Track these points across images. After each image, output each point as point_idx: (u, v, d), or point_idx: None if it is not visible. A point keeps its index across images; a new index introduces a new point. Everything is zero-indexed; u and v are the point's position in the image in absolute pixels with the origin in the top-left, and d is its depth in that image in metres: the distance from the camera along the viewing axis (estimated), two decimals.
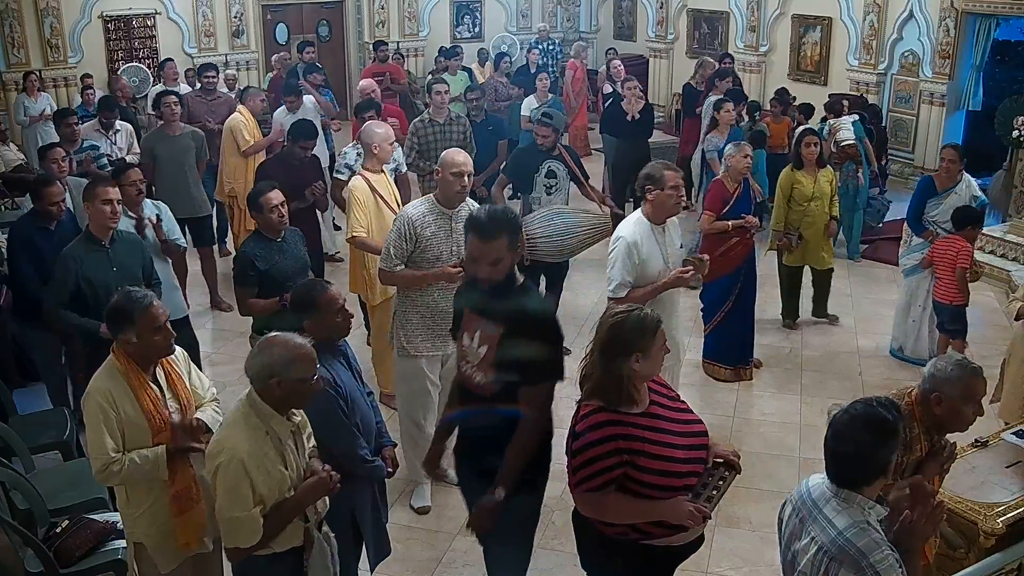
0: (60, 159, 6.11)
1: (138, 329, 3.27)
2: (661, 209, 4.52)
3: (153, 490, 3.35)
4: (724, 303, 6.26)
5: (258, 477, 2.91)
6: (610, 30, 16.19)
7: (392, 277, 4.65)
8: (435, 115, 7.33)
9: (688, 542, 3.09)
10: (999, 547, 3.67)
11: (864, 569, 2.43)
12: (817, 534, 2.56)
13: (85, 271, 4.57)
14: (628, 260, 4.43)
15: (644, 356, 2.93)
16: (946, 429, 3.21)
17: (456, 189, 4.50)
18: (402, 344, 4.69)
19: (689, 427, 3.08)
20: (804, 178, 6.77)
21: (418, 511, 4.83)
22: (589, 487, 2.93)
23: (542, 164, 6.81)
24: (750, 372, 6.39)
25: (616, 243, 4.51)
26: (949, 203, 6.23)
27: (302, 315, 3.52)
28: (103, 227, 4.71)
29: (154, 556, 3.42)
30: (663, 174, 4.47)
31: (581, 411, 3.03)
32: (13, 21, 11.53)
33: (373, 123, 6.06)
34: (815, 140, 6.86)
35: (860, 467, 2.54)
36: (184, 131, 7.40)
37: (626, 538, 3.01)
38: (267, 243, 4.79)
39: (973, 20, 10.23)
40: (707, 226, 6.30)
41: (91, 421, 3.25)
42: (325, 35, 14.63)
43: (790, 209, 6.83)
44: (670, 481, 2.93)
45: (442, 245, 4.53)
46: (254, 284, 4.71)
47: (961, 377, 3.09)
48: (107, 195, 4.69)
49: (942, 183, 6.36)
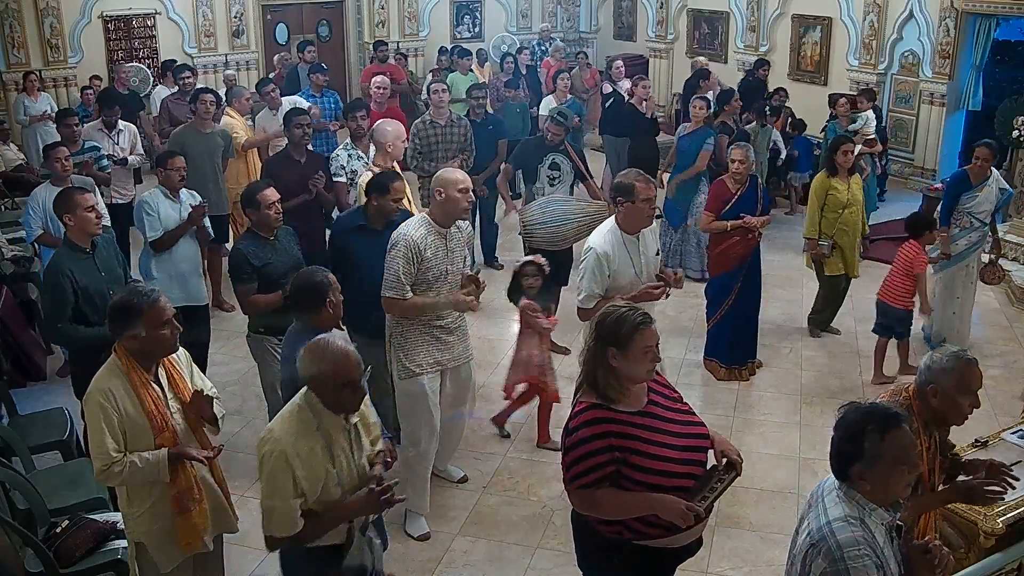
0: (64, 158, 6.11)
1: (146, 322, 3.26)
2: (633, 220, 4.44)
3: (154, 490, 3.35)
4: (723, 301, 6.28)
5: (301, 471, 2.94)
6: (610, 30, 16.20)
7: (403, 306, 4.38)
8: (435, 116, 7.34)
9: (686, 544, 3.07)
10: (999, 547, 3.68)
11: (837, 563, 2.42)
12: (811, 520, 2.58)
13: (79, 281, 4.51)
14: (598, 271, 4.37)
15: (620, 352, 2.92)
16: (945, 422, 3.23)
17: (464, 206, 4.44)
18: (403, 365, 4.51)
19: (688, 428, 3.07)
20: (839, 185, 6.59)
21: (418, 539, 4.64)
22: (582, 483, 2.93)
23: (546, 156, 6.94)
24: (746, 373, 6.38)
25: (587, 254, 4.45)
26: (983, 195, 6.56)
27: (318, 300, 3.54)
28: (87, 234, 4.66)
29: (155, 556, 3.42)
30: (635, 185, 4.37)
31: (575, 408, 3.03)
32: (13, 21, 11.53)
33: (384, 121, 6.10)
34: (851, 147, 6.74)
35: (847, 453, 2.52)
36: (215, 129, 7.43)
37: (621, 537, 3.01)
38: (261, 241, 4.80)
39: (973, 20, 10.23)
40: (705, 226, 6.33)
41: (92, 421, 3.25)
42: (325, 35, 14.62)
43: (823, 217, 6.63)
44: (662, 481, 2.92)
45: (442, 264, 4.44)
46: (252, 280, 4.71)
47: (955, 367, 3.12)
48: (88, 202, 4.65)
49: (976, 177, 6.61)
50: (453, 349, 4.62)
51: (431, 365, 4.55)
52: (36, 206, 6.07)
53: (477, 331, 5.98)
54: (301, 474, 2.94)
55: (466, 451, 5.37)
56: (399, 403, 4.71)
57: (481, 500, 5.00)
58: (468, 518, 4.84)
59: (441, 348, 4.56)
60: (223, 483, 3.59)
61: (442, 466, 5.10)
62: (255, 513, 4.76)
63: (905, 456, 2.51)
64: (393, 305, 4.42)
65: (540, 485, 5.09)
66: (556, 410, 5.41)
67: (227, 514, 3.60)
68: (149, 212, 5.68)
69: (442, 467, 5.10)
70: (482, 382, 6.07)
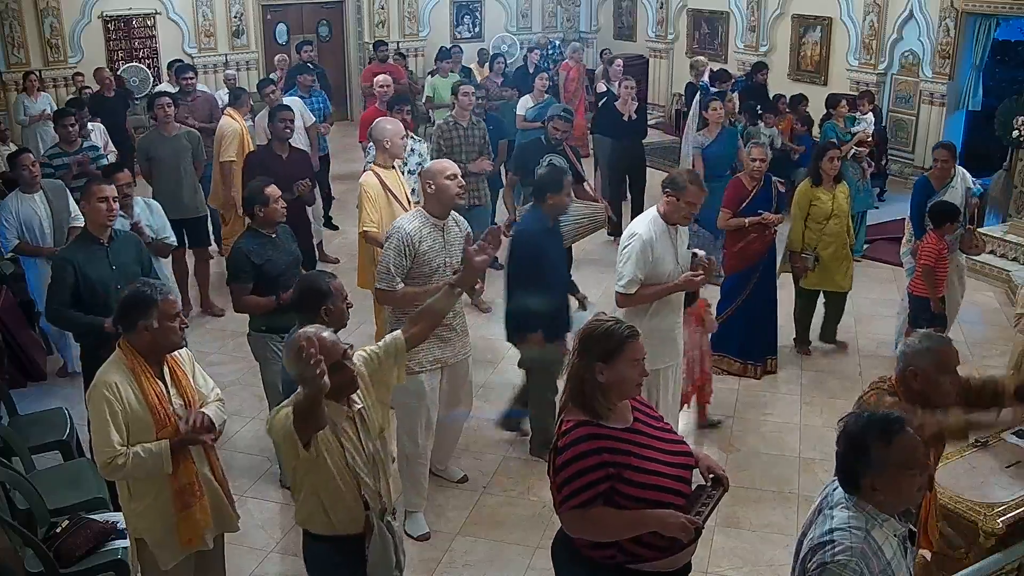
0: (31, 164, 6.08)
1: (159, 315, 3.29)
2: (674, 214, 4.57)
3: (155, 486, 3.36)
4: (737, 297, 6.27)
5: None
6: (610, 30, 16.20)
7: (393, 296, 4.44)
8: (458, 117, 7.33)
9: (677, 568, 2.97)
10: (999, 547, 3.68)
11: (825, 566, 2.42)
12: (816, 526, 2.58)
13: (84, 270, 4.54)
14: (642, 257, 4.43)
15: (607, 366, 2.85)
16: (931, 404, 3.25)
17: (455, 191, 4.48)
18: None
19: (674, 446, 3.00)
20: (823, 195, 6.35)
21: (418, 539, 4.63)
22: (576, 503, 2.80)
23: (544, 158, 6.93)
24: (759, 370, 6.33)
25: (631, 240, 4.50)
26: (950, 197, 6.33)
27: (318, 303, 3.57)
28: (101, 225, 4.68)
29: (155, 552, 3.42)
30: (687, 187, 4.50)
31: (562, 427, 2.91)
32: (13, 21, 11.53)
33: (383, 119, 6.10)
34: (838, 154, 6.56)
35: (856, 465, 2.51)
36: (179, 132, 7.33)
37: (613, 561, 2.88)
38: (262, 239, 4.81)
39: (973, 20, 10.23)
40: (723, 223, 6.31)
41: (96, 414, 3.26)
42: (325, 35, 14.62)
43: (807, 228, 6.39)
44: (656, 496, 2.83)
45: (437, 258, 4.46)
46: (249, 280, 4.72)
47: (930, 348, 3.20)
48: (103, 193, 4.65)
49: (938, 180, 6.47)
50: (453, 346, 4.63)
51: (431, 363, 4.56)
52: (9, 216, 6.02)
53: (477, 331, 5.98)
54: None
55: (466, 451, 5.37)
56: (396, 399, 4.72)
57: (481, 500, 5.00)
58: (468, 518, 4.84)
59: (442, 346, 4.57)
60: (224, 482, 3.59)
61: (442, 466, 5.10)
62: (255, 513, 4.82)
63: (914, 460, 2.49)
64: (386, 297, 4.47)
65: (540, 485, 5.08)
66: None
67: (228, 513, 3.61)
68: None
69: (442, 467, 5.11)
70: (482, 382, 6.08)
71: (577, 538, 2.95)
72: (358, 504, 3.11)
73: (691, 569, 3.09)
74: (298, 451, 2.93)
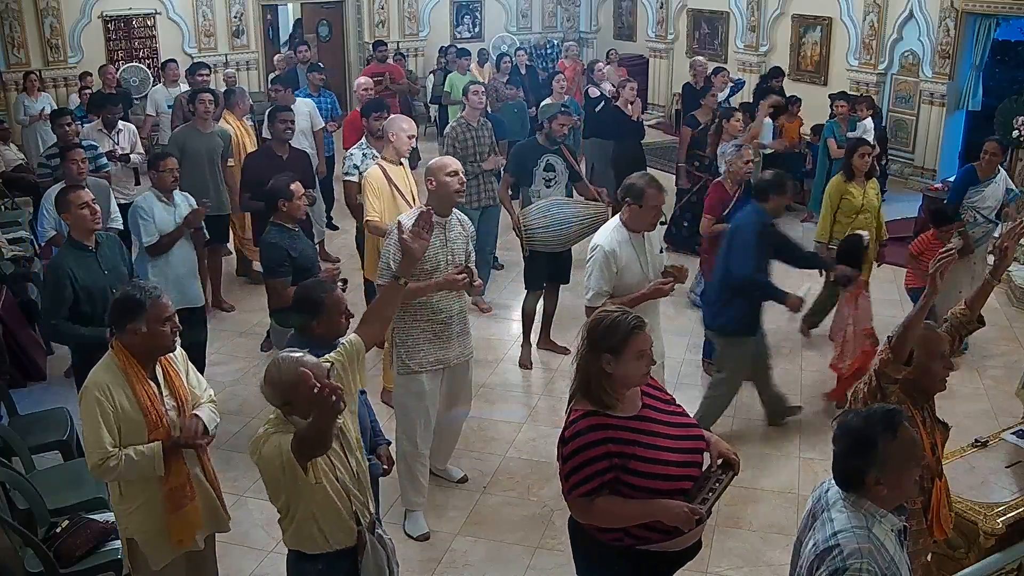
0: (80, 160, 6.01)
1: (148, 318, 3.28)
2: (638, 221, 4.48)
3: (147, 486, 3.35)
4: None
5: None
6: (610, 30, 16.20)
7: None
8: (469, 117, 7.32)
9: (686, 547, 3.05)
10: (999, 547, 3.68)
11: (838, 572, 2.40)
12: (817, 531, 2.56)
13: (79, 279, 4.51)
14: (606, 269, 4.38)
15: (615, 358, 2.88)
16: (924, 391, 3.32)
17: (455, 187, 4.48)
18: (403, 361, 4.52)
19: (684, 430, 3.04)
20: (855, 189, 6.33)
21: (418, 539, 4.63)
22: (582, 491, 2.89)
23: (541, 158, 6.93)
24: None
25: (593, 252, 4.46)
26: (989, 191, 6.66)
27: (309, 315, 3.57)
28: (87, 231, 4.67)
29: (146, 552, 3.42)
30: (645, 191, 4.40)
31: (570, 416, 2.98)
32: (13, 21, 11.53)
33: (399, 116, 6.09)
34: (869, 150, 6.53)
35: (859, 461, 2.50)
36: (214, 129, 7.37)
37: (621, 543, 2.98)
38: (289, 233, 4.95)
39: (973, 20, 10.24)
40: (706, 229, 6.29)
41: (88, 415, 3.25)
42: (325, 35, 14.63)
43: (836, 221, 6.39)
44: (663, 484, 2.89)
45: (438, 256, 4.46)
46: (289, 273, 4.82)
47: (921, 336, 3.24)
48: (82, 199, 4.64)
49: (984, 172, 6.71)
50: (455, 347, 4.63)
51: (432, 363, 4.56)
52: (51, 207, 5.96)
53: (477, 331, 5.97)
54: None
55: (466, 451, 5.37)
56: (396, 398, 4.76)
57: (481, 500, 5.00)
58: (468, 518, 4.84)
59: (444, 347, 4.57)
60: (215, 482, 3.59)
61: (441, 466, 5.10)
62: (255, 513, 4.81)
63: (916, 452, 2.53)
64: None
65: (540, 485, 5.08)
66: (558, 409, 5.41)
67: (219, 513, 3.61)
68: (144, 216, 5.58)
69: (441, 467, 5.10)
70: (482, 382, 6.08)
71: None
72: (351, 520, 3.08)
73: (701, 546, 3.17)
74: (297, 477, 2.89)
